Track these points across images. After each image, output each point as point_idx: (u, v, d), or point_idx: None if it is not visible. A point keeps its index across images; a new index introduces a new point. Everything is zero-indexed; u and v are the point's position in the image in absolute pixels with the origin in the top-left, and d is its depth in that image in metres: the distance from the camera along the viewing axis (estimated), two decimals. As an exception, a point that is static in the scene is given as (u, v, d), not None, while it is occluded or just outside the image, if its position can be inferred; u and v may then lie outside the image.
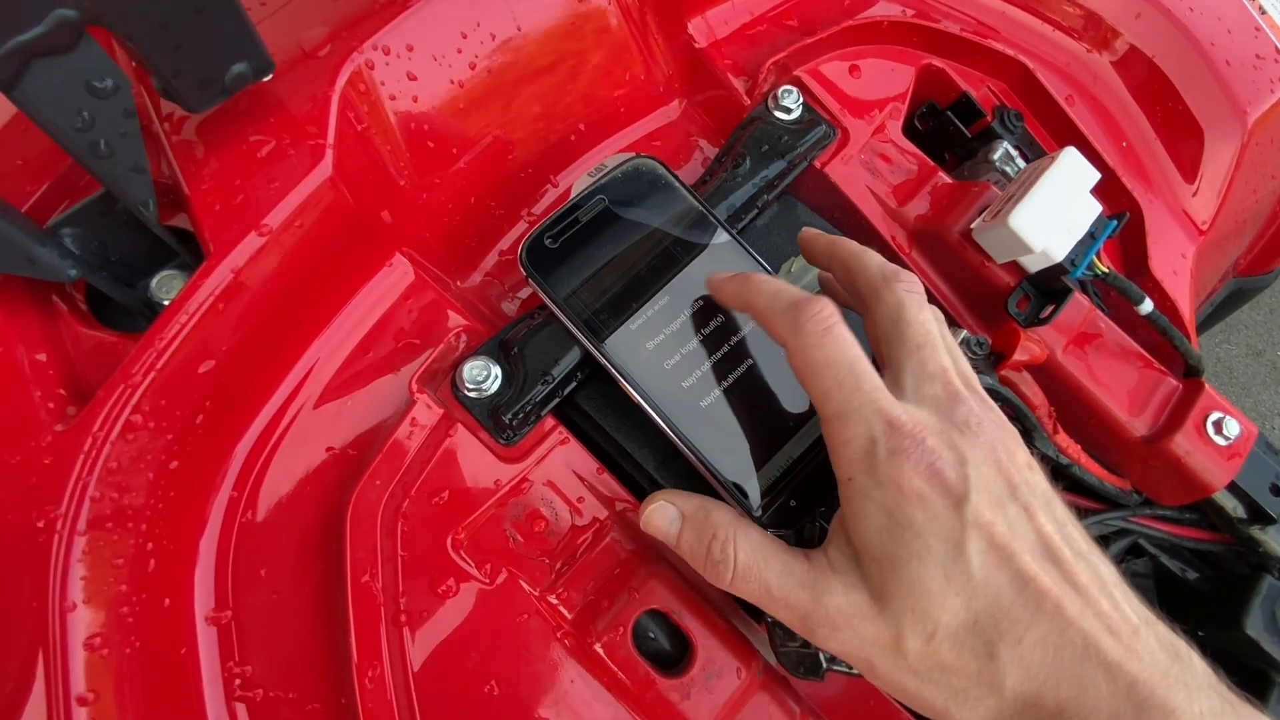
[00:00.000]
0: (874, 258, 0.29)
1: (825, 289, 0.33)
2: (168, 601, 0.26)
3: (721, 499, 0.31)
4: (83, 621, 0.24)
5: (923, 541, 0.23)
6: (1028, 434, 0.38)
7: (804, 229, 0.32)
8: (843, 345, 0.25)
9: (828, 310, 0.25)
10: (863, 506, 0.24)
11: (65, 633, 0.23)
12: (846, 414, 0.24)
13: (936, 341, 0.26)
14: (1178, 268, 0.45)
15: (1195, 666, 0.23)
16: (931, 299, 0.39)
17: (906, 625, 0.23)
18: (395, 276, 0.33)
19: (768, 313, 0.27)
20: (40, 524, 0.24)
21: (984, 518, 0.23)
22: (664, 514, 0.28)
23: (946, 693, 0.23)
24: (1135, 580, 0.44)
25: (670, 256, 0.32)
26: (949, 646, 0.23)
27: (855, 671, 0.29)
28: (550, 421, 0.32)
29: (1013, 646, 0.22)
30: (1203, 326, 0.72)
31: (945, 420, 0.24)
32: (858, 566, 0.24)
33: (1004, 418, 0.26)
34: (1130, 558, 0.44)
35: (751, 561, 0.25)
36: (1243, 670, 0.40)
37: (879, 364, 0.27)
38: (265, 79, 0.27)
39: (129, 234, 0.28)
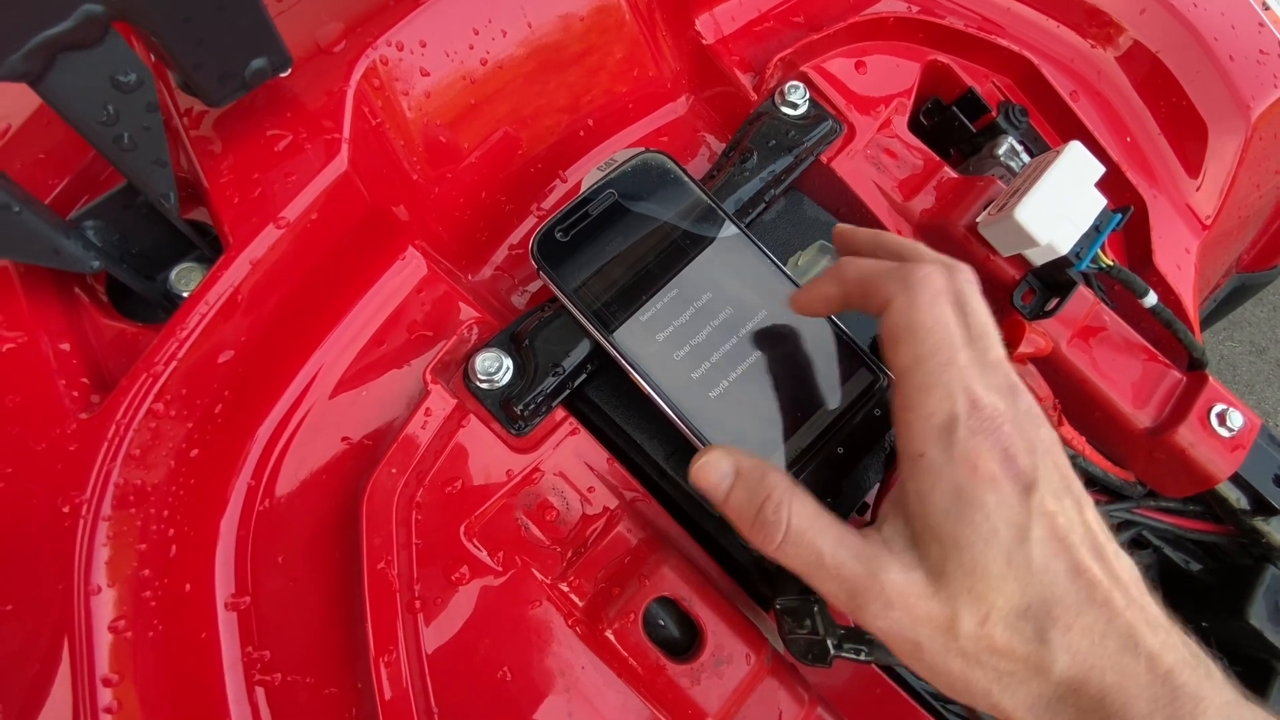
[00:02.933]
0: (926, 248, 0.29)
1: (838, 241, 0.32)
2: (189, 586, 0.27)
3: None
4: (107, 604, 0.24)
5: (991, 525, 0.23)
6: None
7: (838, 225, 0.32)
8: (950, 313, 0.25)
9: (942, 275, 0.25)
10: (933, 483, 0.24)
11: (90, 615, 0.24)
12: (935, 385, 0.24)
13: (994, 332, 0.26)
14: (1181, 262, 0.46)
15: (1213, 667, 0.24)
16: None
17: (963, 606, 0.23)
18: (408, 270, 0.33)
19: (872, 273, 0.26)
20: (65, 509, 0.24)
21: (1048, 507, 0.23)
22: (717, 467, 0.27)
23: (992, 675, 0.23)
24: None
25: (679, 249, 0.33)
26: (1001, 629, 0.23)
27: (863, 659, 0.29)
28: (561, 413, 0.33)
29: (1063, 633, 0.22)
30: (1206, 322, 0.73)
31: (1014, 408, 0.24)
32: (914, 547, 0.24)
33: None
34: (1134, 550, 0.45)
35: (806, 527, 0.25)
36: (1246, 661, 0.40)
37: None
38: (284, 74, 0.27)
39: (149, 227, 0.29)
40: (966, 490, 0.23)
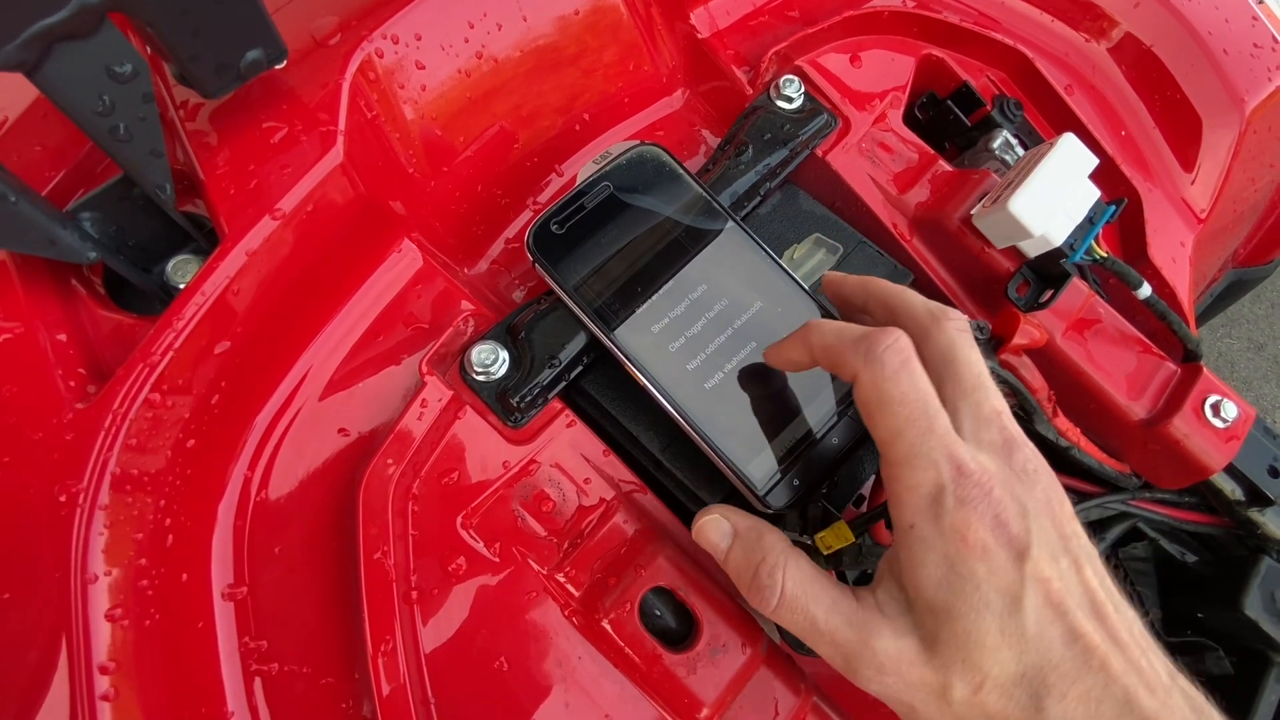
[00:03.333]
0: (915, 296, 0.28)
1: (828, 290, 0.32)
2: (185, 576, 0.27)
3: (725, 478, 0.31)
4: (103, 593, 0.24)
5: (982, 595, 0.23)
6: (1028, 417, 0.38)
7: (826, 274, 0.32)
8: (917, 381, 0.24)
9: (903, 340, 0.25)
10: (923, 555, 0.24)
11: (87, 603, 0.24)
12: (916, 457, 0.24)
13: (989, 383, 0.26)
14: (1176, 255, 0.46)
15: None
16: (931, 285, 0.40)
17: (955, 674, 0.23)
18: (405, 262, 0.34)
19: (837, 348, 0.26)
20: (62, 498, 0.25)
21: (1043, 573, 0.23)
22: (718, 528, 0.28)
23: None
24: (1135, 564, 0.44)
25: (674, 242, 0.33)
26: (996, 697, 0.23)
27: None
28: (557, 404, 0.33)
29: (1059, 700, 0.22)
30: (1203, 317, 0.73)
31: (1006, 468, 0.24)
32: (909, 613, 0.24)
33: (1047, 463, 0.26)
34: (1131, 542, 0.45)
35: (800, 592, 0.25)
36: (1242, 651, 0.40)
37: None
38: (279, 66, 0.28)
39: (146, 219, 0.29)
40: (957, 562, 0.23)
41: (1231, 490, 0.40)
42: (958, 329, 0.27)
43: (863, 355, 0.25)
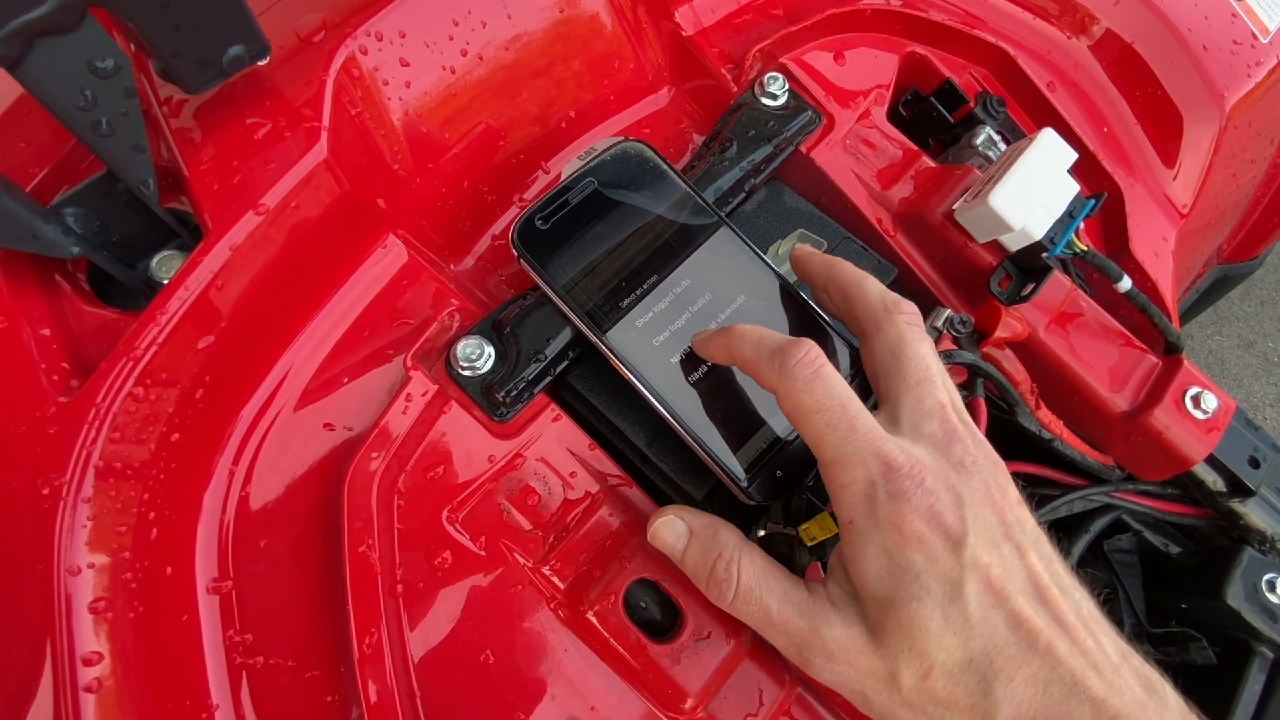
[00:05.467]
0: (873, 285, 0.29)
1: (795, 266, 0.33)
2: (169, 569, 0.27)
3: (709, 472, 0.32)
4: (87, 585, 0.25)
5: (922, 584, 0.23)
6: (1011, 409, 0.39)
7: (797, 246, 0.33)
8: (831, 387, 0.25)
9: (813, 352, 0.26)
10: (863, 549, 0.24)
11: (70, 595, 0.24)
12: (843, 458, 0.24)
13: (935, 377, 0.26)
14: (1159, 250, 0.46)
15: (1169, 699, 0.24)
16: (915, 279, 0.41)
17: (903, 662, 0.24)
18: (389, 258, 0.34)
19: (754, 362, 0.27)
20: (45, 491, 0.25)
21: (981, 560, 0.24)
22: (672, 528, 0.28)
23: None
24: (1120, 556, 0.45)
25: (659, 237, 0.33)
26: (944, 683, 0.23)
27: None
28: (543, 399, 0.33)
29: (1006, 684, 0.23)
30: (1190, 313, 0.73)
31: (942, 459, 0.25)
32: (856, 604, 0.25)
33: (994, 453, 0.26)
34: (1115, 534, 0.45)
35: (754, 584, 0.26)
36: (1225, 641, 0.41)
37: (875, 394, 0.27)
38: (261, 62, 0.28)
39: (130, 214, 0.29)
40: (895, 553, 0.24)
41: (1213, 481, 0.40)
42: (908, 322, 0.27)
43: (776, 369, 0.26)
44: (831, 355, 0.32)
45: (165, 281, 0.29)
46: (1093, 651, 0.24)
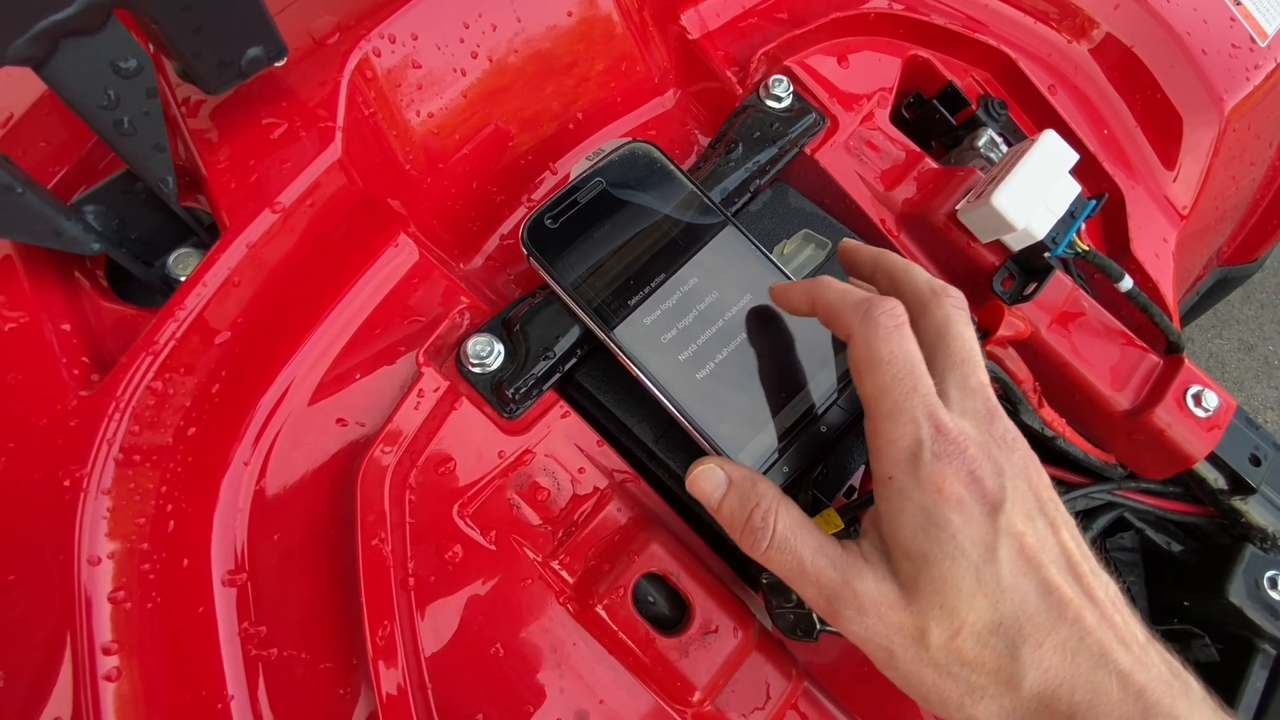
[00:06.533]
0: (920, 271, 0.30)
1: (842, 256, 0.33)
2: (186, 561, 0.27)
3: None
4: (106, 575, 0.25)
5: (957, 544, 0.24)
6: (1014, 407, 0.39)
7: (844, 240, 0.33)
8: (907, 344, 0.26)
9: (899, 309, 0.26)
10: (901, 505, 0.25)
11: (90, 585, 0.24)
12: (899, 412, 0.25)
13: (978, 358, 0.27)
14: (1160, 251, 0.47)
15: (1192, 683, 0.25)
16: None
17: (933, 619, 0.24)
18: (401, 256, 0.34)
19: (838, 307, 0.28)
20: (66, 483, 0.25)
21: (1016, 527, 0.24)
22: (712, 477, 0.28)
23: (964, 687, 0.24)
24: (1122, 554, 0.45)
25: (666, 236, 0.34)
26: (972, 643, 0.24)
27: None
28: (552, 396, 0.34)
29: (1034, 649, 0.23)
30: (1191, 315, 0.74)
31: (985, 433, 0.25)
32: (889, 561, 0.25)
33: (1025, 439, 0.27)
34: (1118, 533, 0.45)
35: (789, 534, 0.26)
36: (1227, 638, 0.41)
37: None
38: (279, 63, 0.28)
39: (148, 212, 0.30)
40: (933, 511, 0.24)
41: (1214, 479, 0.40)
42: (955, 306, 0.28)
43: (860, 315, 0.26)
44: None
45: (182, 278, 0.30)
46: (1120, 627, 0.24)
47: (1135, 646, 0.24)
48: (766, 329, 0.33)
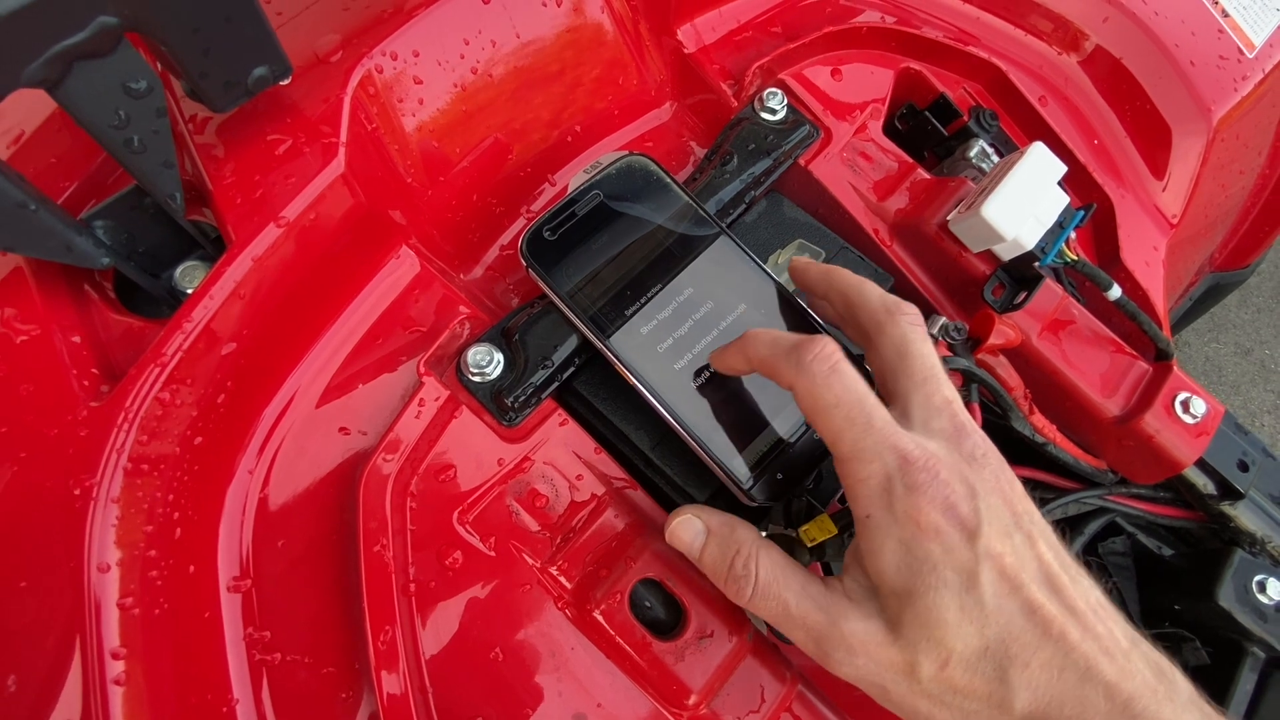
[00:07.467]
0: (873, 289, 0.29)
1: (794, 276, 0.34)
2: (193, 568, 0.28)
3: (712, 474, 0.33)
4: (115, 582, 0.26)
5: (939, 575, 0.24)
6: (1005, 414, 0.40)
7: (794, 259, 0.34)
8: (849, 383, 0.25)
9: (830, 348, 0.26)
10: (881, 542, 0.25)
11: (100, 592, 0.25)
12: (860, 452, 0.25)
13: (940, 375, 0.27)
14: (1150, 259, 0.47)
15: (1179, 684, 0.25)
16: (911, 288, 0.42)
17: (921, 653, 0.24)
18: (403, 268, 0.35)
19: (771, 360, 0.27)
20: (77, 491, 0.26)
21: (995, 549, 0.24)
22: (690, 527, 0.29)
23: (958, 714, 0.24)
24: (1114, 558, 0.46)
25: (662, 247, 0.34)
26: (962, 671, 0.24)
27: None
28: (550, 404, 0.34)
29: (1021, 670, 0.23)
30: (1184, 320, 0.74)
31: (955, 452, 0.25)
32: (874, 598, 0.26)
33: (997, 449, 0.27)
34: (1110, 537, 0.46)
35: (771, 579, 0.27)
36: (1217, 642, 0.42)
37: (883, 396, 0.28)
38: (284, 82, 0.29)
39: (156, 227, 0.30)
40: (913, 545, 0.24)
41: (1203, 484, 0.41)
42: (910, 323, 0.28)
43: (794, 366, 0.26)
44: None
45: (189, 291, 0.30)
46: (1104, 637, 0.24)
47: (1119, 655, 0.24)
48: None
